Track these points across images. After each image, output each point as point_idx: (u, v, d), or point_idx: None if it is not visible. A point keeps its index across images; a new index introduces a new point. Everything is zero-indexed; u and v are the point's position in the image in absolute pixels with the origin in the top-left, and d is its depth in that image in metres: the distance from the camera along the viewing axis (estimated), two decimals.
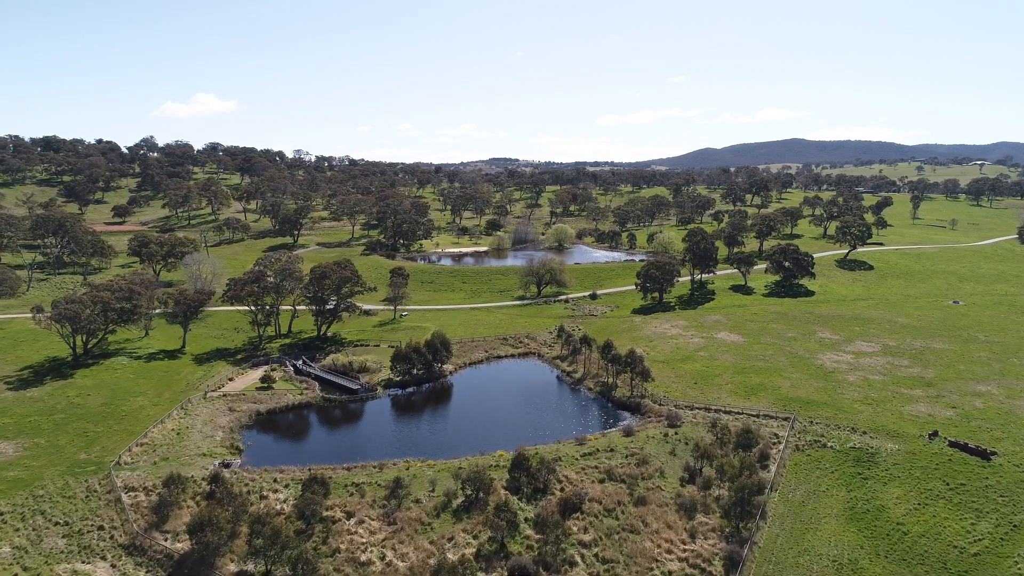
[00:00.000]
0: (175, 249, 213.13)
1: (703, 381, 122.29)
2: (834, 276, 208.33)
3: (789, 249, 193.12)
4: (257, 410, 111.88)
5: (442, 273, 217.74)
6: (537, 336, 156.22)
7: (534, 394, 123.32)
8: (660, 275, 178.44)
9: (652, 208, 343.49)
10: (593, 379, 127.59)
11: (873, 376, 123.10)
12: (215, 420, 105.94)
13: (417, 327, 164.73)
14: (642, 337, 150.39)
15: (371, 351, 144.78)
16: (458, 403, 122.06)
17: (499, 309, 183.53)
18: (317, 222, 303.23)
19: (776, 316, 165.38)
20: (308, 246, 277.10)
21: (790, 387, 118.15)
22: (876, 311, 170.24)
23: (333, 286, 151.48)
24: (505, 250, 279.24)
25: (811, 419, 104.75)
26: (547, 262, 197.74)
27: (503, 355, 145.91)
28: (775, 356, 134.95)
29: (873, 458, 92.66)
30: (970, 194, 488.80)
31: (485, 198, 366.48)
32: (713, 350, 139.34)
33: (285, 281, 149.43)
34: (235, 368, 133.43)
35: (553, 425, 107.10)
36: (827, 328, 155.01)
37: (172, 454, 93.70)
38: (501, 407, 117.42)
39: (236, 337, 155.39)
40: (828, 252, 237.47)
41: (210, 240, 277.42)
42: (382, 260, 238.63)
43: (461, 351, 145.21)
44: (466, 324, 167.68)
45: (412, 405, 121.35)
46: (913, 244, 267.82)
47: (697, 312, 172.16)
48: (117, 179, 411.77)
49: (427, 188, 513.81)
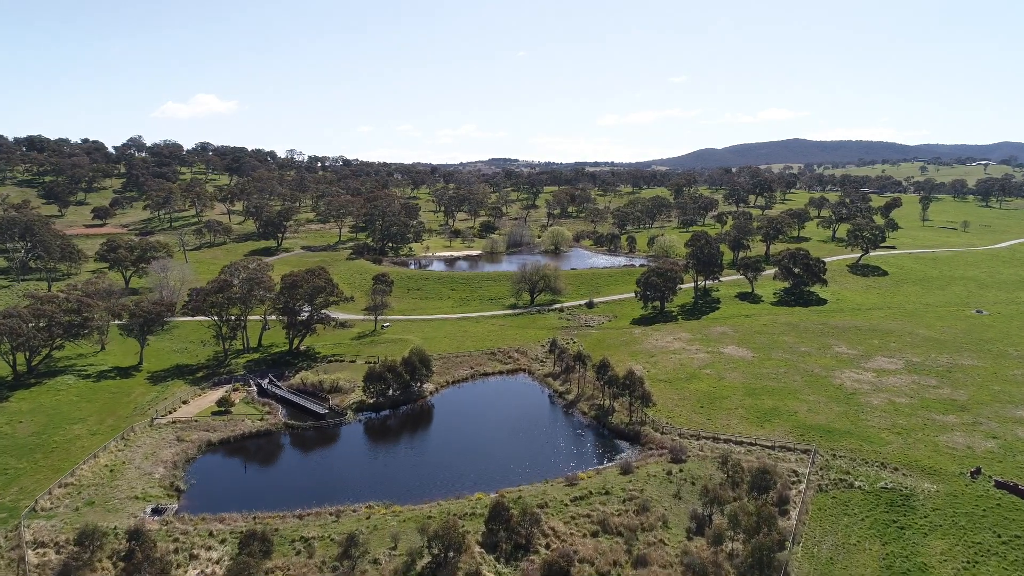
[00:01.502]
0: (146, 254, 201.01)
1: (710, 405, 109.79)
2: (846, 283, 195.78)
3: (799, 254, 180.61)
4: (209, 439, 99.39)
5: (430, 279, 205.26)
6: (528, 350, 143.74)
7: (522, 418, 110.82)
8: (661, 283, 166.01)
9: (652, 209, 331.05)
10: (588, 401, 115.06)
11: (899, 399, 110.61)
12: (158, 453, 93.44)
13: (399, 340, 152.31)
14: (642, 352, 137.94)
15: (346, 367, 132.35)
16: (436, 430, 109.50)
17: (489, 319, 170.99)
18: (302, 224, 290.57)
19: (787, 328, 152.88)
20: (292, 249, 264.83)
21: (807, 412, 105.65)
22: (894, 322, 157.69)
23: (306, 296, 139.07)
24: (499, 254, 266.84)
25: (834, 452, 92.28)
26: (541, 268, 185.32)
27: (490, 372, 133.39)
28: (788, 374, 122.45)
29: (908, 501, 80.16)
30: (978, 194, 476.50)
31: (480, 199, 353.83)
32: (720, 367, 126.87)
33: (253, 291, 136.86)
34: (193, 388, 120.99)
35: (541, 458, 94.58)
36: (843, 341, 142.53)
37: (100, 497, 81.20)
38: (484, 435, 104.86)
39: (201, 352, 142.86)
40: (839, 256, 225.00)
41: (189, 243, 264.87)
42: (367, 265, 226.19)
43: (444, 368, 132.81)
44: (452, 336, 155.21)
45: (385, 431, 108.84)
46: (927, 248, 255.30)
47: (701, 323, 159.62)
48: (100, 180, 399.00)
49: (422, 189, 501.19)
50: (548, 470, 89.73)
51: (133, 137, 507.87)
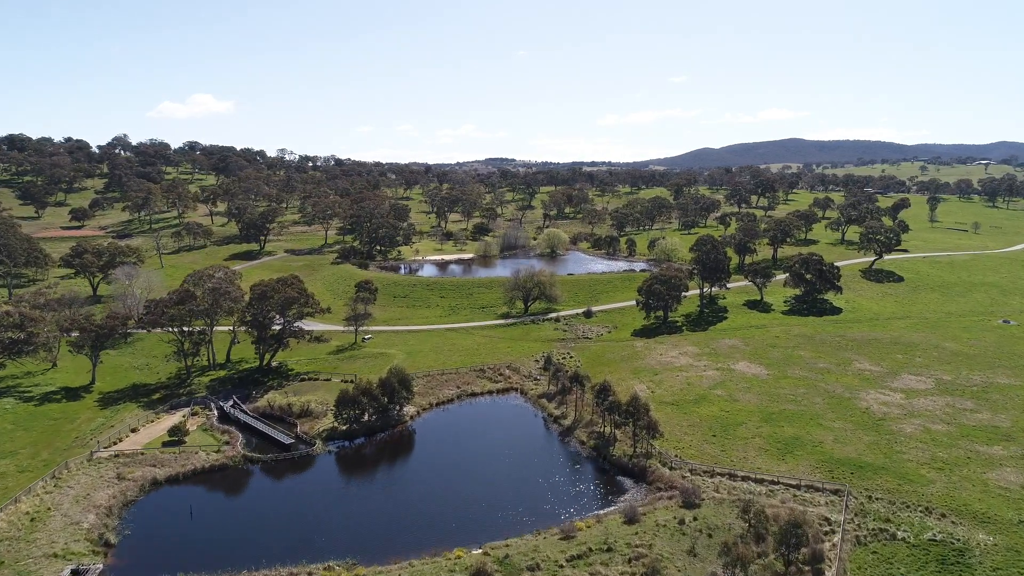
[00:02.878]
0: (115, 259, 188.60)
1: (723, 433, 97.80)
2: (861, 289, 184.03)
3: (812, 259, 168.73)
4: (154, 477, 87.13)
5: (418, 286, 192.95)
6: (521, 366, 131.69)
7: (512, 448, 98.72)
8: (665, 291, 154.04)
9: (652, 211, 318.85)
10: (586, 428, 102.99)
11: (934, 425, 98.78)
12: (92, 495, 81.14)
13: (380, 354, 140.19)
14: (645, 368, 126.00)
15: (319, 387, 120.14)
16: (416, 462, 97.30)
17: (479, 330, 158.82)
18: (286, 226, 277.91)
19: (802, 340, 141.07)
20: (276, 253, 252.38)
21: (834, 442, 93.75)
22: (917, 333, 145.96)
23: (277, 307, 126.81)
24: (492, 257, 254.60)
25: (869, 493, 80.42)
26: (535, 275, 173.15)
27: (479, 391, 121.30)
28: (808, 396, 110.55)
29: (963, 557, 68.30)
30: (984, 194, 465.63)
31: (473, 200, 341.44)
32: (732, 387, 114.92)
33: (219, 302, 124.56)
34: (147, 412, 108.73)
35: (533, 500, 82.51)
36: (864, 356, 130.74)
37: (11, 555, 68.88)
38: (469, 469, 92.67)
39: (163, 368, 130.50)
40: (850, 260, 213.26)
41: (167, 247, 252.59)
42: (353, 270, 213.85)
43: (428, 387, 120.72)
44: (439, 350, 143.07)
45: (358, 464, 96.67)
46: (940, 251, 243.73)
47: (708, 335, 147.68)
48: (82, 180, 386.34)
49: (415, 189, 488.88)
50: (541, 517, 77.67)
51: (118, 136, 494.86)
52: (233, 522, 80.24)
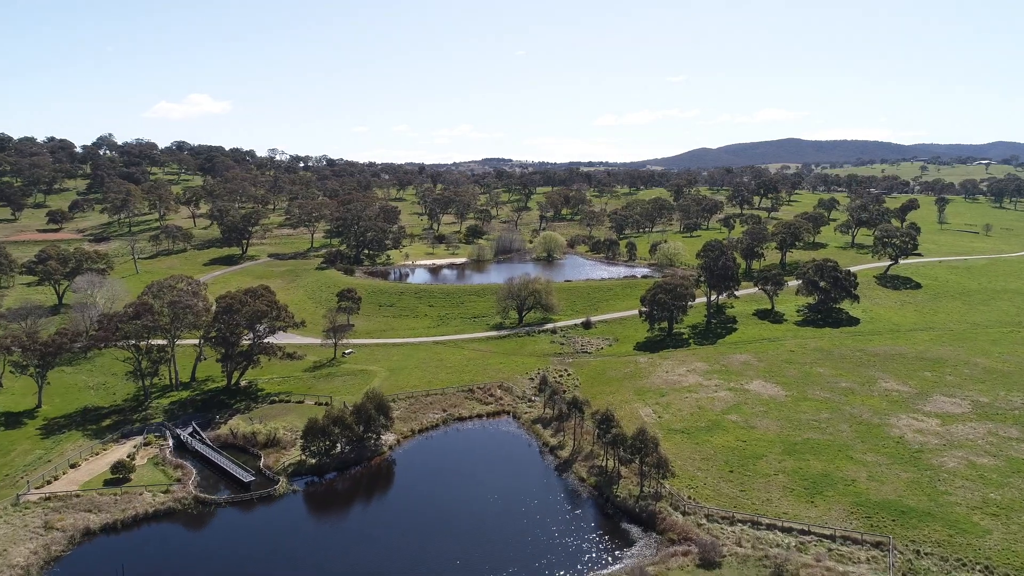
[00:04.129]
0: (82, 265, 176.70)
1: (741, 468, 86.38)
2: (877, 297, 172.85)
3: (827, 266, 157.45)
4: (87, 526, 75.35)
5: (405, 294, 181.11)
6: (514, 386, 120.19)
7: (502, 486, 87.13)
8: (670, 300, 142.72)
9: (652, 212, 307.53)
10: (586, 462, 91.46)
11: (979, 458, 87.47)
12: (9, 552, 69.36)
13: (361, 371, 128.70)
14: (650, 388, 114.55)
15: (291, 411, 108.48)
16: (393, 504, 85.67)
17: (469, 343, 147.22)
18: (269, 230, 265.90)
19: (819, 355, 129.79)
20: (258, 258, 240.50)
21: (868, 480, 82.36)
22: (944, 347, 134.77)
23: (245, 322, 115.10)
24: (486, 261, 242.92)
25: (916, 546, 69.03)
26: (530, 282, 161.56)
27: (467, 415, 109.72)
28: (833, 422, 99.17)
29: None
30: (991, 195, 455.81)
31: (467, 201, 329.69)
32: (748, 411, 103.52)
33: (179, 316, 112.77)
34: (93, 442, 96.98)
35: (526, 555, 70.91)
36: (889, 374, 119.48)
37: None
38: (451, 513, 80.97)
39: (121, 388, 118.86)
40: (863, 265, 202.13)
41: (145, 251, 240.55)
42: (338, 276, 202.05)
43: (411, 411, 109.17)
44: (425, 366, 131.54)
45: (325, 506, 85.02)
46: (955, 255, 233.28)
47: (718, 349, 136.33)
48: (62, 180, 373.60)
49: (408, 190, 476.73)
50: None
51: (103, 135, 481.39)
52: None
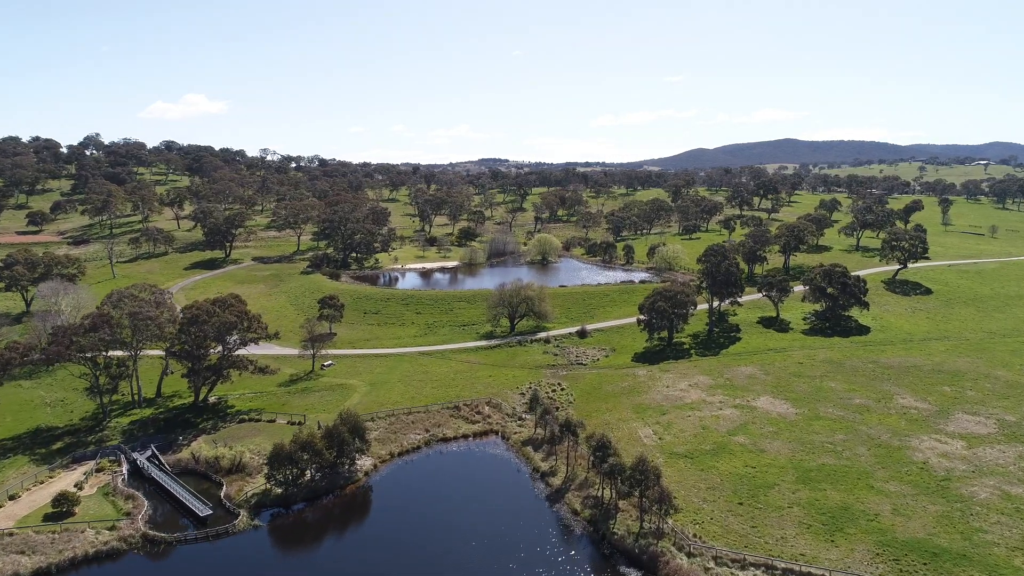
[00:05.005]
0: (52, 271, 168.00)
1: (751, 499, 78.16)
2: (886, 303, 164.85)
3: (835, 271, 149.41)
4: (16, 572, 66.83)
5: (391, 300, 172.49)
6: (503, 402, 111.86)
7: (488, 519, 78.85)
8: (670, 308, 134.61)
9: (650, 213, 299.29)
10: (580, 491, 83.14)
11: (1014, 487, 79.41)
12: None
13: (341, 385, 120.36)
14: (650, 405, 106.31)
15: (260, 431, 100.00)
16: (364, 541, 77.18)
17: (457, 354, 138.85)
18: (254, 232, 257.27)
19: (830, 367, 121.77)
20: (242, 261, 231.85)
21: (893, 514, 74.22)
22: (961, 359, 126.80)
23: (213, 333, 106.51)
24: (478, 265, 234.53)
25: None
26: (523, 289, 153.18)
27: (452, 435, 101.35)
28: (850, 444, 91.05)
29: None
30: (993, 196, 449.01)
31: (460, 202, 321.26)
32: (756, 432, 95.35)
33: (139, 329, 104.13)
34: (40, 468, 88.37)
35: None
36: (905, 388, 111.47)
37: None
38: (431, 552, 72.53)
39: (81, 405, 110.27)
40: (869, 270, 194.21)
41: (124, 255, 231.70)
42: (323, 281, 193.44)
43: (391, 431, 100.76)
44: (409, 379, 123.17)
45: (291, 544, 76.50)
46: (962, 258, 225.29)
47: (721, 361, 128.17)
48: (45, 181, 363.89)
49: (402, 191, 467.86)
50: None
51: (90, 135, 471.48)
52: None
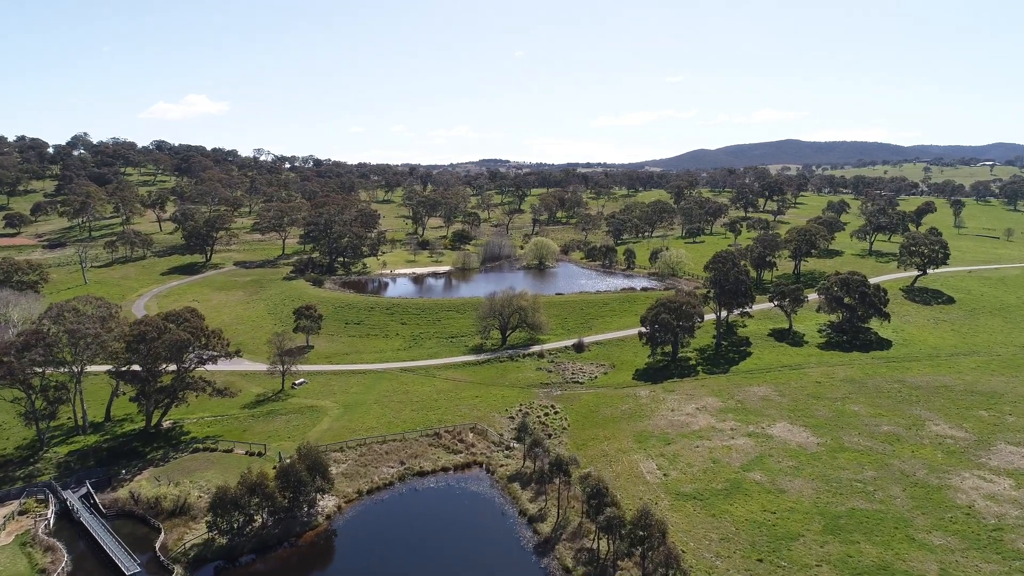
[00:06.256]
0: (11, 277, 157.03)
1: (773, 554, 66.75)
2: (906, 313, 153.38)
3: (853, 280, 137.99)
4: None
5: (375, 309, 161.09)
6: (489, 428, 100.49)
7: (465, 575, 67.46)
8: (674, 320, 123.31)
9: (652, 215, 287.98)
10: (573, 542, 71.68)
11: None
12: None
13: (311, 407, 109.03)
14: (653, 432, 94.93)
15: (215, 463, 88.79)
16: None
17: (443, 370, 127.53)
18: (236, 235, 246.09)
19: (851, 388, 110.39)
20: (223, 266, 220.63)
21: (941, 574, 62.83)
22: (995, 377, 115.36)
23: (166, 352, 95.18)
24: (472, 270, 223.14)
25: None
26: (515, 298, 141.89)
27: (430, 469, 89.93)
28: (882, 483, 79.64)
29: None
30: (1004, 197, 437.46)
31: (455, 203, 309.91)
32: (773, 466, 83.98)
33: (80, 347, 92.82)
34: None
35: None
36: (937, 412, 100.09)
37: None
38: None
39: (19, 432, 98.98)
40: (885, 276, 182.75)
41: (100, 259, 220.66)
42: (305, 288, 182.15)
43: (360, 464, 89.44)
44: (387, 400, 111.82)
45: None
46: (981, 263, 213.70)
47: (731, 379, 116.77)
48: (28, 181, 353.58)
49: (397, 192, 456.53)
50: None
51: (78, 134, 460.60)
52: None
